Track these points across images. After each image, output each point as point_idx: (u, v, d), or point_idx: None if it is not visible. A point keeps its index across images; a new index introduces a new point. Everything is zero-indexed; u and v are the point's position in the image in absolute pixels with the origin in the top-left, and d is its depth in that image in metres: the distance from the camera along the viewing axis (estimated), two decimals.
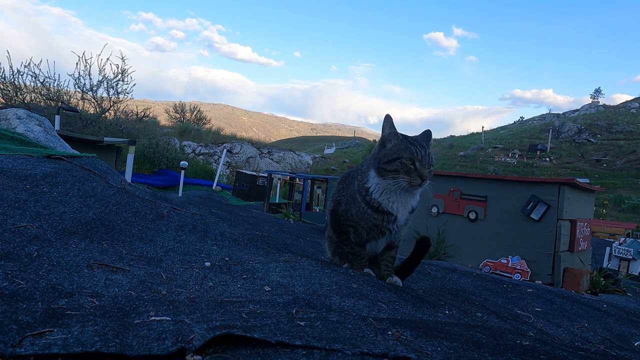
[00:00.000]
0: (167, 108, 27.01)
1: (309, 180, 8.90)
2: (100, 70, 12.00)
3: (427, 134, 1.79)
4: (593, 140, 35.43)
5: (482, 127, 47.43)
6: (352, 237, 1.81)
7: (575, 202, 4.14)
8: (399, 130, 1.74)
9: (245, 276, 1.46)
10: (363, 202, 1.72)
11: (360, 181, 1.75)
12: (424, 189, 1.71)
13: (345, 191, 1.84)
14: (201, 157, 17.27)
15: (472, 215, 4.32)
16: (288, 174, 10.47)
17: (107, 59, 11.95)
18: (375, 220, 1.72)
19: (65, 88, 11.80)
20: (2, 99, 10.92)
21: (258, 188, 10.61)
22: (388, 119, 1.71)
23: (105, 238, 1.60)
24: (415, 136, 1.77)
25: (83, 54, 11.67)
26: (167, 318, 0.88)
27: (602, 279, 3.96)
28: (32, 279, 1.07)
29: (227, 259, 1.71)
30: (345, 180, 1.89)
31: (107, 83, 12.15)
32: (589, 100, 56.35)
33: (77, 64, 11.62)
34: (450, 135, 48.79)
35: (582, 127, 38.36)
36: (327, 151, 43.29)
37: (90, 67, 11.80)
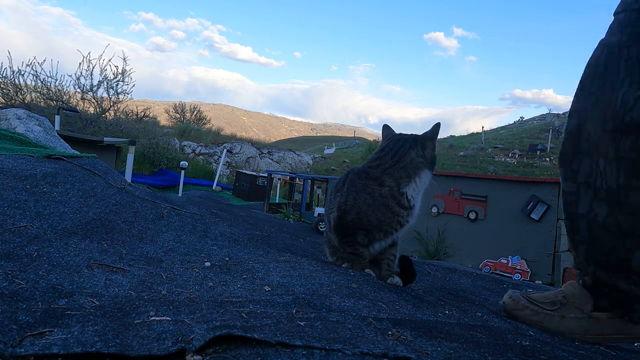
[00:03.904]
0: (167, 108, 27.02)
1: (309, 181, 8.91)
2: (101, 71, 12.03)
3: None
4: None
5: (482, 127, 47.37)
6: (359, 239, 1.79)
7: None
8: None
9: (245, 276, 1.46)
10: (398, 206, 1.74)
11: (391, 188, 1.74)
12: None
13: (353, 199, 1.78)
14: (201, 157, 17.28)
15: (472, 215, 4.32)
16: (288, 174, 10.48)
17: (109, 60, 11.98)
18: (402, 219, 1.76)
19: (66, 88, 11.83)
20: (2, 99, 10.93)
21: (258, 188, 10.62)
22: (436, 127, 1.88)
23: (105, 238, 1.60)
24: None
25: (88, 54, 11.71)
26: (167, 318, 0.88)
27: None
28: (32, 279, 1.07)
29: (227, 259, 1.71)
30: (344, 187, 1.83)
31: (107, 83, 12.18)
32: None
33: (80, 64, 11.66)
34: (450, 135, 48.73)
35: None
36: (327, 151, 43.25)
37: (93, 67, 11.84)
